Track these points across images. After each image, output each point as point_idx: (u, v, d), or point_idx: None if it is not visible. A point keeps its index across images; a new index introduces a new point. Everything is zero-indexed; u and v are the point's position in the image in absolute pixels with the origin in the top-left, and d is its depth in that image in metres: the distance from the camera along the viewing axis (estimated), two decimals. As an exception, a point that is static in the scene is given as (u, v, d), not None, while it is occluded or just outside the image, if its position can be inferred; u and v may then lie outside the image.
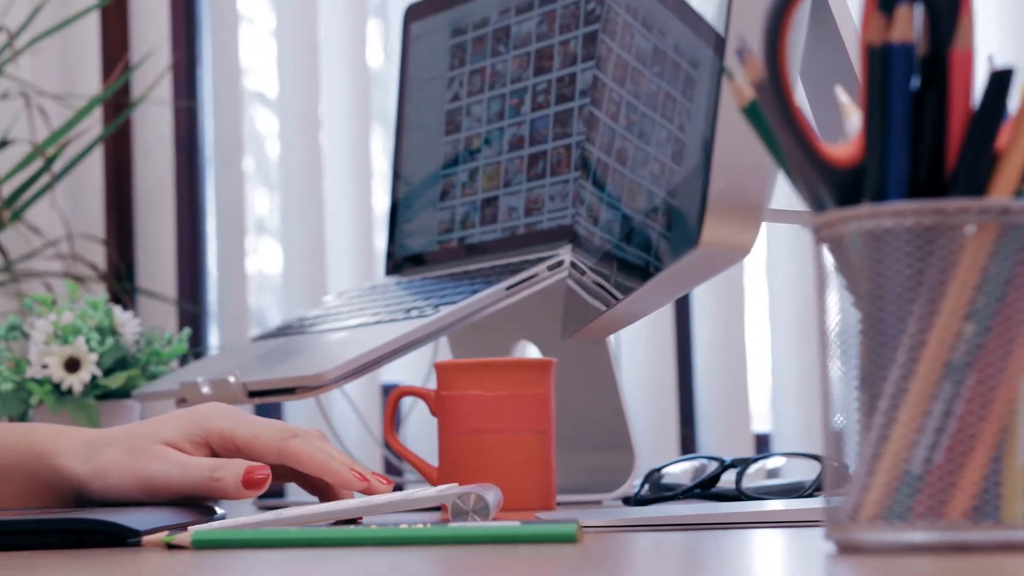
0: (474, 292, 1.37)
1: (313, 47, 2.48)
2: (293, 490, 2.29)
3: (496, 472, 1.26)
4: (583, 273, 1.35)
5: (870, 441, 0.62)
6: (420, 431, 2.22)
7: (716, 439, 2.48)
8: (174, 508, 1.02)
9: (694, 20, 0.92)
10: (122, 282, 2.42)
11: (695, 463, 1.35)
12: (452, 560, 0.68)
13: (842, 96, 0.66)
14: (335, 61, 2.51)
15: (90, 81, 2.41)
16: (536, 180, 1.48)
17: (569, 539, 0.75)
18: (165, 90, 2.42)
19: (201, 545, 0.80)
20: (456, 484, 1.09)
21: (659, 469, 1.35)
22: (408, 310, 1.40)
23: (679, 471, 1.36)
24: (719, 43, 0.72)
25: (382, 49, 2.62)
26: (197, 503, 1.10)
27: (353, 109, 2.50)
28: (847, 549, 0.63)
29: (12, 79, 2.24)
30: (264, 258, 2.69)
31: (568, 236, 1.43)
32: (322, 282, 2.46)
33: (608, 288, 1.31)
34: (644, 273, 1.06)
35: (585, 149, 1.32)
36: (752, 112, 0.63)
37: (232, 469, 1.06)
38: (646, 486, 1.33)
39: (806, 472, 1.69)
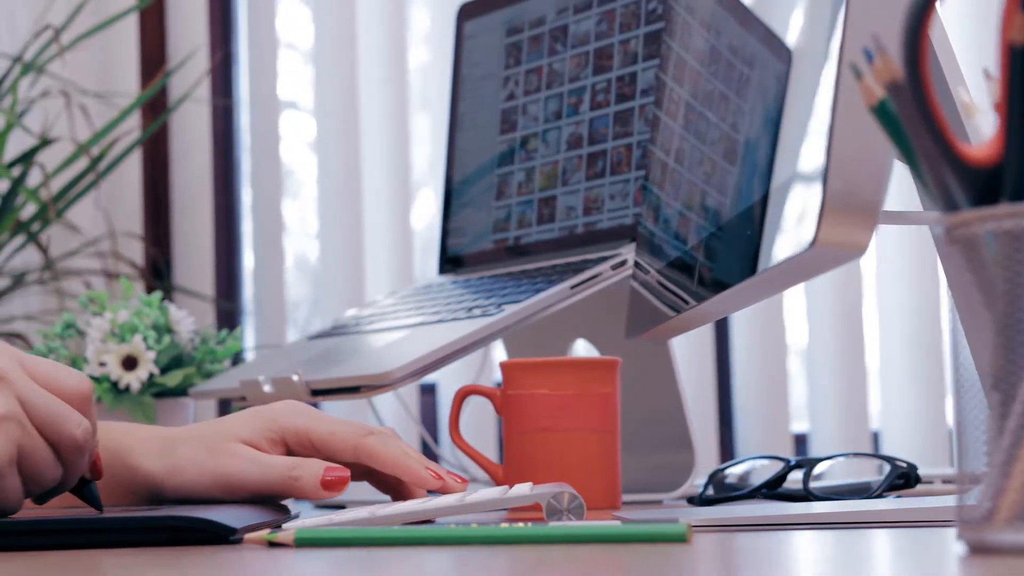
0: (538, 291, 1.37)
1: (351, 41, 2.48)
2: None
3: (563, 471, 1.26)
4: (646, 272, 1.35)
5: (1003, 443, 0.62)
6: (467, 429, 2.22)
7: (754, 439, 2.48)
8: (254, 506, 1.02)
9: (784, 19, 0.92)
10: (160, 280, 2.42)
11: (757, 463, 1.35)
12: (566, 560, 0.68)
13: (964, 95, 0.66)
14: (373, 57, 2.51)
15: (128, 79, 2.42)
16: (595, 179, 1.48)
17: (679, 539, 0.74)
18: (202, 88, 2.43)
19: (304, 543, 0.80)
20: (531, 483, 1.09)
21: (722, 469, 1.35)
22: (470, 309, 1.40)
23: (741, 471, 1.35)
24: (841, 43, 0.72)
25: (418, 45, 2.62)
26: (271, 501, 1.10)
27: (391, 105, 2.50)
28: (980, 550, 0.63)
29: (54, 77, 2.24)
30: (300, 256, 2.69)
31: (629, 235, 1.43)
32: (359, 280, 2.46)
33: (671, 287, 1.31)
34: (720, 273, 1.06)
35: (648, 148, 1.32)
36: (882, 111, 0.63)
37: (311, 469, 1.06)
38: (710, 486, 1.33)
39: (853, 473, 1.69)
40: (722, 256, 1.02)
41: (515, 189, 1.57)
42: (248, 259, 2.57)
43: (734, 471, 1.35)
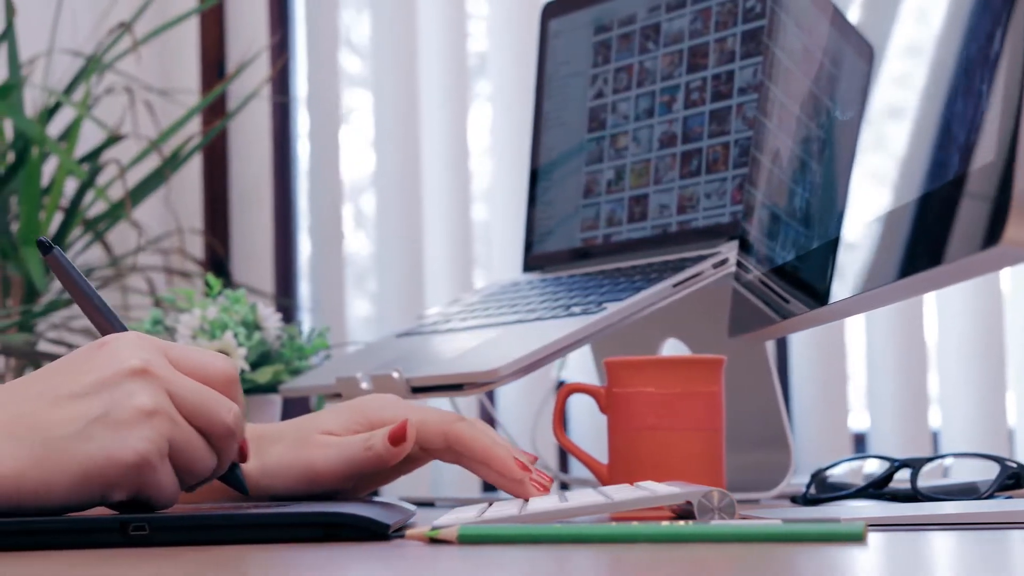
0: (639, 289, 1.37)
1: (411, 35, 2.48)
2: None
3: (669, 469, 1.26)
4: (748, 272, 1.35)
5: None
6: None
7: (812, 438, 2.48)
8: (384, 504, 1.02)
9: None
10: (219, 276, 2.42)
11: (859, 463, 1.35)
12: (745, 559, 0.68)
13: None
14: (433, 51, 2.51)
15: (187, 75, 2.42)
16: (690, 178, 1.48)
17: (856, 538, 0.74)
18: (262, 85, 2.43)
19: (467, 539, 0.80)
20: (635, 483, 1.09)
21: (824, 469, 1.35)
22: (568, 307, 1.40)
23: (843, 471, 1.35)
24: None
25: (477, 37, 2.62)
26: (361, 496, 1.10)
27: (450, 101, 2.50)
28: None
29: (121, 74, 2.25)
30: (357, 253, 2.69)
31: (727, 234, 1.43)
32: (418, 278, 2.46)
33: (773, 286, 1.31)
34: (825, 275, 1.06)
35: (750, 149, 1.31)
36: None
37: (379, 434, 1.06)
38: (812, 486, 1.33)
39: (935, 473, 1.68)
40: (857, 255, 1.01)
41: (604, 187, 1.57)
42: (305, 255, 2.57)
43: (836, 471, 1.35)
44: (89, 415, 0.85)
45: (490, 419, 2.41)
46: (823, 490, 1.33)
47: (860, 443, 2.56)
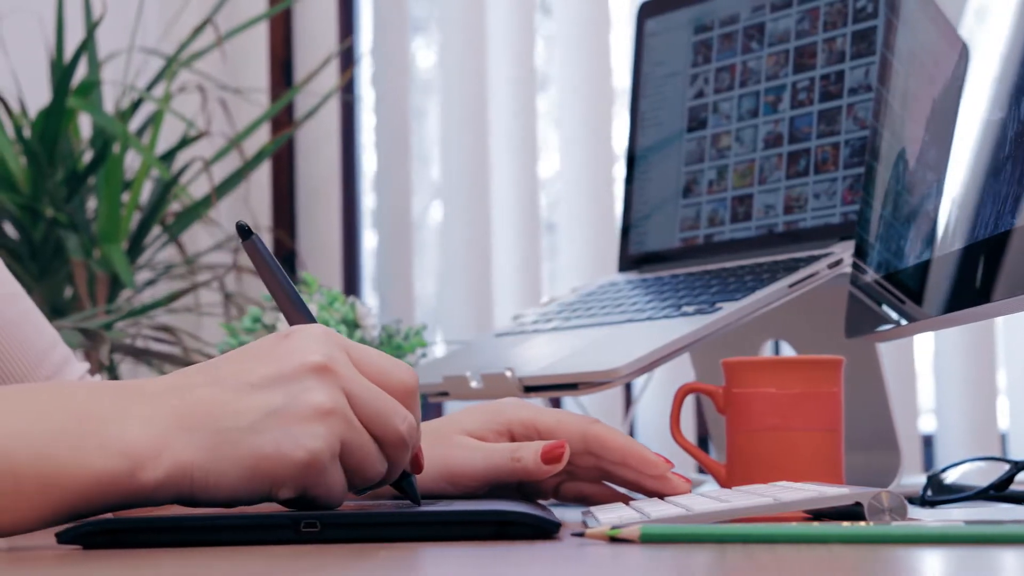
0: (753, 290, 1.36)
1: (480, 39, 2.48)
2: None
3: (789, 470, 1.26)
4: (864, 273, 1.35)
5: None
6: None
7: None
8: (525, 502, 1.02)
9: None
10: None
11: (976, 465, 1.34)
12: (952, 560, 0.68)
13: None
14: (501, 56, 2.51)
15: (255, 74, 2.42)
16: (797, 178, 1.47)
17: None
18: (329, 78, 2.42)
19: (649, 539, 0.80)
20: (759, 484, 1.09)
21: (941, 471, 1.34)
22: (679, 307, 1.40)
23: (959, 473, 1.35)
24: None
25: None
26: (525, 497, 1.09)
27: (518, 104, 2.50)
28: None
29: (197, 73, 2.25)
30: (424, 250, 2.69)
31: (837, 234, 1.42)
32: (485, 278, 2.46)
33: (888, 287, 1.31)
34: (988, 279, 1.05)
35: (864, 149, 1.31)
36: None
37: (531, 448, 1.06)
38: (929, 488, 1.32)
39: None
40: (992, 261, 1.01)
41: (705, 187, 1.56)
42: (372, 253, 2.57)
43: (952, 473, 1.35)
44: (265, 408, 0.84)
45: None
46: (940, 492, 1.32)
47: (928, 445, 2.55)
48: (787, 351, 1.55)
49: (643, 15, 1.68)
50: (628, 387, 2.53)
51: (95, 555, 0.81)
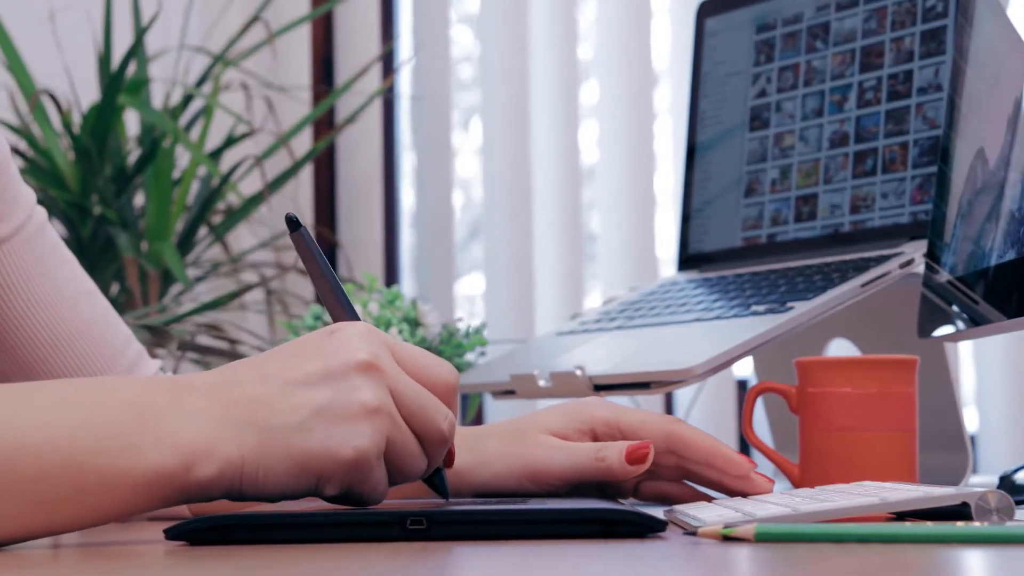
0: (824, 289, 1.36)
1: (522, 35, 2.47)
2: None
3: (864, 470, 1.25)
4: (936, 272, 1.34)
5: None
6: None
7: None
8: (608, 500, 1.02)
9: None
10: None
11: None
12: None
13: None
14: (542, 52, 2.50)
15: (296, 72, 2.41)
16: (864, 177, 1.47)
17: None
18: (371, 80, 2.42)
19: (764, 538, 0.80)
20: (835, 484, 1.08)
21: (1013, 472, 1.34)
22: (749, 306, 1.39)
23: (1030, 474, 1.34)
24: None
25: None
26: (610, 496, 1.09)
27: (560, 104, 2.50)
28: None
29: (242, 71, 2.24)
30: (464, 247, 2.69)
31: (907, 234, 1.42)
32: (528, 279, 2.46)
33: (963, 289, 1.30)
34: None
35: (936, 149, 1.31)
36: None
37: (616, 448, 1.06)
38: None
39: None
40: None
41: (768, 187, 1.56)
42: (411, 251, 2.57)
43: (1021, 475, 1.35)
44: (312, 405, 0.84)
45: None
46: (1014, 493, 1.32)
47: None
48: (843, 350, 1.55)
49: (702, 14, 1.67)
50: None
51: (204, 552, 0.81)
